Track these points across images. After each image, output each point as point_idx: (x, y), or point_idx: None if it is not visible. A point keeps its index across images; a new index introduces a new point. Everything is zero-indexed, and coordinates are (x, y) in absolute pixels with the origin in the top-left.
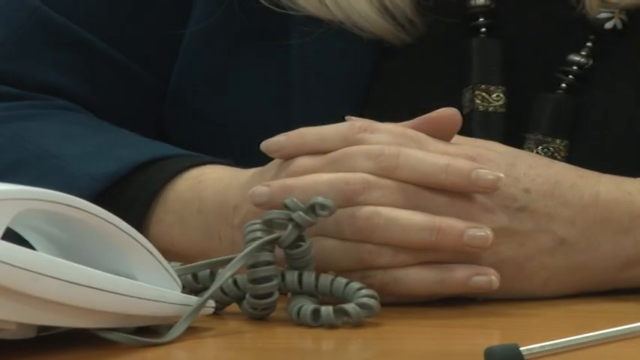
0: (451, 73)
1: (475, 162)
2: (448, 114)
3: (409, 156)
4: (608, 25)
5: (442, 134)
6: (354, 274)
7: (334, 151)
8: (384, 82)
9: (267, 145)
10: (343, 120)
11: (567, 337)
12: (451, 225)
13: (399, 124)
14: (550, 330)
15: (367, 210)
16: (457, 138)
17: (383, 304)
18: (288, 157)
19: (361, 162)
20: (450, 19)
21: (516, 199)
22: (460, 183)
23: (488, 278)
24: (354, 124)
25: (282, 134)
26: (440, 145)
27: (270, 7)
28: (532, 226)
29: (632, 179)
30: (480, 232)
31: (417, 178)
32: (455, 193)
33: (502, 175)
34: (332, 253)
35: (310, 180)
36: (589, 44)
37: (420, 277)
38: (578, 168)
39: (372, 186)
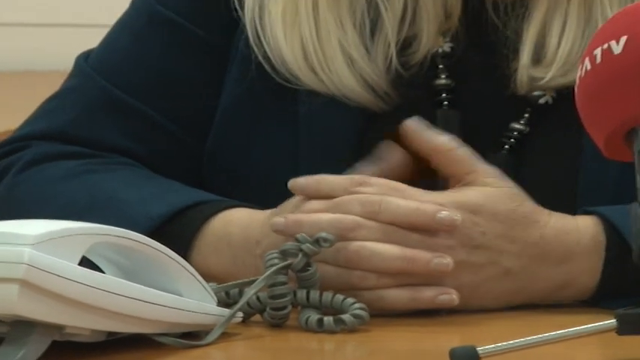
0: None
1: (445, 209)
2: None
3: (389, 203)
4: (542, 101)
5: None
6: (347, 293)
7: (338, 197)
8: (369, 140)
9: (293, 184)
10: (341, 168)
11: (515, 339)
12: (421, 256)
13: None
14: (501, 334)
15: (356, 244)
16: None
17: (371, 315)
18: (307, 196)
19: (354, 207)
20: (419, 93)
21: (473, 239)
22: (427, 223)
23: (450, 297)
24: (353, 178)
25: (305, 177)
26: (415, 192)
27: (283, 83)
28: (484, 260)
29: (572, 217)
30: (443, 261)
31: (395, 220)
32: (425, 232)
33: (459, 217)
34: (330, 276)
35: (316, 218)
36: (527, 115)
37: (397, 296)
38: (539, 210)
39: (360, 226)
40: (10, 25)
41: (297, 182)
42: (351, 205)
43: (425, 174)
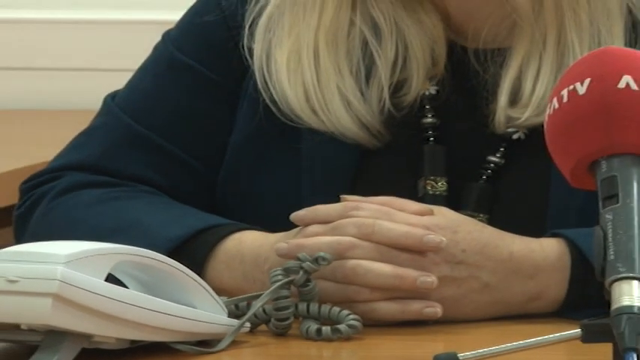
0: (409, 168)
1: (429, 229)
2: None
3: (381, 226)
4: (515, 137)
5: None
6: (343, 306)
7: (334, 221)
8: (364, 173)
9: (294, 216)
10: (338, 198)
11: (491, 347)
12: (409, 274)
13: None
14: (479, 342)
15: (352, 262)
16: (432, 207)
17: (364, 325)
18: (307, 224)
19: (350, 229)
20: (408, 131)
21: (455, 256)
22: (415, 244)
23: (434, 310)
24: (347, 204)
25: (304, 209)
26: (404, 216)
27: (287, 122)
28: (466, 275)
29: (535, 239)
30: (429, 279)
31: (387, 241)
32: (413, 251)
33: (444, 239)
34: (329, 291)
35: (316, 240)
36: (502, 149)
37: (388, 308)
38: (502, 232)
39: (356, 246)
40: (44, 69)
41: (297, 214)
42: (347, 227)
43: None
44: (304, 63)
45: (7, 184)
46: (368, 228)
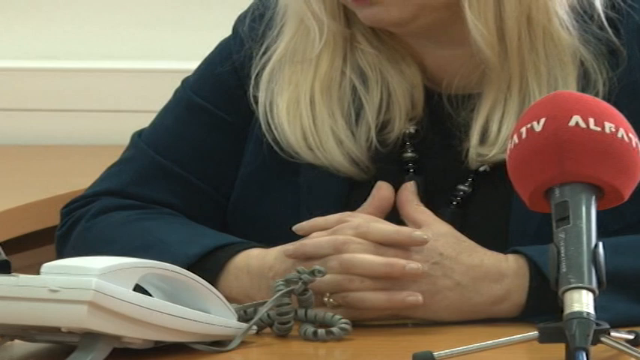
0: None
1: (417, 231)
2: (382, 192)
3: (374, 227)
4: (481, 169)
5: (384, 205)
6: (336, 296)
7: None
8: (353, 202)
9: (297, 227)
10: None
11: (462, 346)
12: (398, 262)
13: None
14: (452, 342)
15: (347, 255)
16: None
17: (353, 326)
18: (308, 233)
19: (347, 231)
20: (391, 166)
21: (433, 257)
22: (404, 240)
23: (416, 298)
24: (343, 214)
25: (305, 222)
26: (391, 224)
27: (287, 158)
28: (441, 273)
29: (502, 254)
30: (414, 266)
31: (380, 238)
32: (400, 248)
33: (429, 236)
34: (325, 280)
35: (317, 240)
36: (470, 180)
37: (376, 297)
38: (476, 245)
39: (352, 241)
40: (81, 110)
41: (299, 225)
42: (344, 230)
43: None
44: (302, 109)
45: (49, 209)
46: (363, 228)
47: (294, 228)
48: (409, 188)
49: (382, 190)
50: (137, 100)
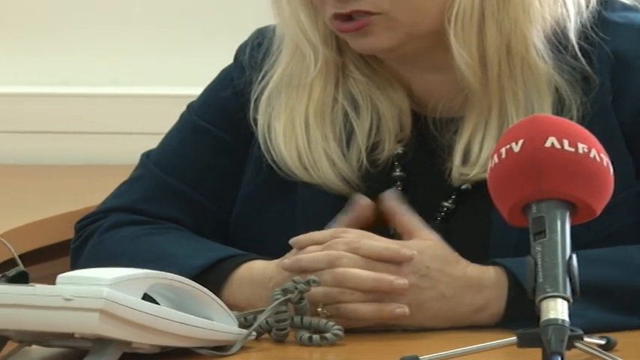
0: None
1: (404, 248)
2: (361, 203)
3: (365, 243)
4: (464, 187)
5: (364, 216)
6: (329, 307)
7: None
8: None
9: (294, 241)
10: None
11: (445, 351)
12: (387, 277)
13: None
14: (437, 347)
15: (340, 269)
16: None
17: (345, 332)
18: (304, 247)
19: (340, 246)
20: (380, 184)
21: (420, 270)
22: (392, 256)
23: (403, 310)
24: (336, 229)
25: (301, 235)
26: (382, 239)
27: (285, 177)
28: (427, 285)
29: (482, 265)
30: (401, 282)
31: (370, 254)
32: (389, 263)
33: (415, 252)
34: (319, 293)
35: (313, 254)
36: (453, 197)
37: (368, 309)
38: (460, 258)
39: (344, 256)
40: (92, 133)
41: (295, 239)
42: (338, 245)
43: (378, 224)
44: (297, 132)
45: (64, 224)
46: (355, 244)
47: (291, 241)
48: (393, 198)
49: (360, 202)
50: (145, 123)
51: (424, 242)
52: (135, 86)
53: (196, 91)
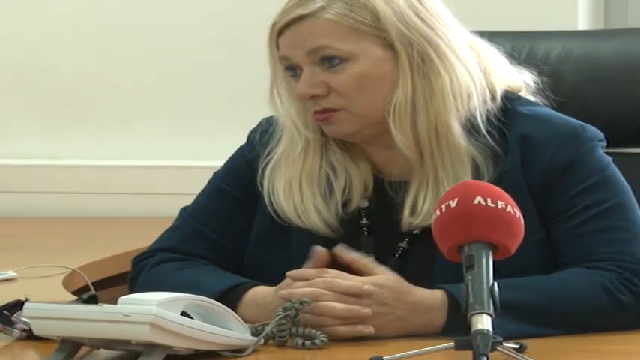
0: (355, 249)
1: (366, 284)
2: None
3: (337, 282)
4: (415, 232)
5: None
6: (317, 328)
7: (311, 279)
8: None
9: (289, 274)
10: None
11: (402, 352)
12: (355, 308)
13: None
14: (396, 350)
15: (322, 303)
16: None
17: (329, 341)
18: (296, 279)
19: (319, 284)
20: (352, 228)
21: (381, 300)
22: (358, 292)
23: (369, 329)
24: (320, 270)
25: (295, 270)
26: (352, 277)
27: (283, 224)
28: (386, 311)
29: (430, 290)
30: (366, 310)
31: (341, 291)
32: (357, 297)
33: (374, 288)
34: (309, 319)
35: (302, 290)
36: (407, 239)
37: (343, 329)
38: (411, 286)
39: (324, 294)
40: (144, 194)
41: (291, 273)
42: (318, 283)
43: (335, 266)
44: (293, 191)
45: (124, 259)
46: (329, 283)
47: (287, 274)
48: (345, 250)
49: (318, 252)
50: (182, 186)
51: (382, 277)
52: (177, 160)
53: (219, 163)
